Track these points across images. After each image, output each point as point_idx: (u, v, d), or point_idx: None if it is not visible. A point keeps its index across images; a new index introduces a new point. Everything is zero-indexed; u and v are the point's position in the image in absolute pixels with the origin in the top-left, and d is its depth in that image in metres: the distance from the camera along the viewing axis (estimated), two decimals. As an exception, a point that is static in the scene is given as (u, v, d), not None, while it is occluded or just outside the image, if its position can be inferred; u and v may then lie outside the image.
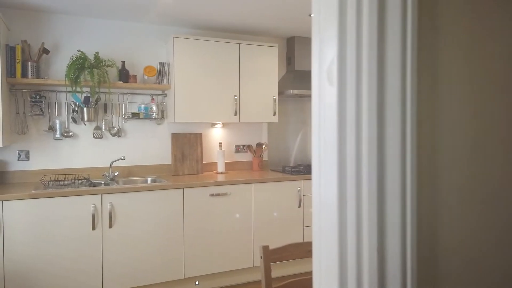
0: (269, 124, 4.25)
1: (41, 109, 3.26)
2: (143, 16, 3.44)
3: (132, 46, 3.63)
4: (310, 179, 3.57)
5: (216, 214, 3.32)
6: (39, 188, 2.97)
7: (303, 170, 3.85)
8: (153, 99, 3.65)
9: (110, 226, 2.95)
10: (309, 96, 4.29)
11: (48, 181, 3.23)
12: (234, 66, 3.69)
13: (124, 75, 3.47)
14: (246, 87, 3.75)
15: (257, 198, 3.48)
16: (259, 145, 4.10)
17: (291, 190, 3.62)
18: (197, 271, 3.26)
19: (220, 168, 3.85)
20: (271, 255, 1.48)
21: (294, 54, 4.14)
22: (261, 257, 1.46)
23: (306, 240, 3.69)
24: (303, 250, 1.56)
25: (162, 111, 3.71)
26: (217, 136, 4.01)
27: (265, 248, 1.47)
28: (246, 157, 4.15)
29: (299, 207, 3.65)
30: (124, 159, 3.47)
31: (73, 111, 3.38)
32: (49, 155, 3.35)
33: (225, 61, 3.65)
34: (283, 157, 4.33)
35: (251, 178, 3.49)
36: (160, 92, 3.71)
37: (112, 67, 3.40)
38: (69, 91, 3.33)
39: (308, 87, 3.95)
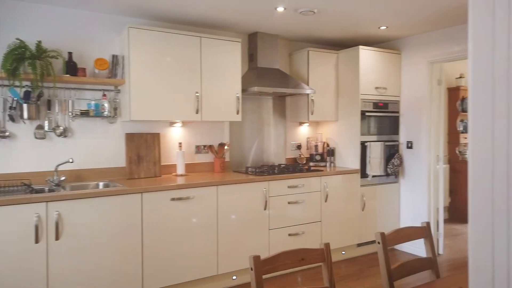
0: (231, 123, 4.05)
1: (-30, 105, 2.81)
2: (94, 3, 3.09)
3: (81, 36, 3.26)
4: (276, 179, 3.43)
5: (178, 220, 3.06)
6: (-32, 196, 2.54)
7: (268, 170, 3.70)
8: (104, 95, 3.31)
9: (57, 238, 2.60)
10: (272, 94, 4.14)
11: (-20, 188, 2.79)
12: (195, 61, 3.44)
13: (72, 68, 3.10)
14: (208, 83, 3.52)
15: (222, 201, 3.27)
16: (221, 145, 3.89)
17: (256, 192, 3.45)
18: (157, 283, 2.97)
19: (180, 170, 3.59)
20: (262, 266, 1.29)
21: (256, 50, 3.99)
22: (251, 269, 1.27)
23: (272, 243, 3.54)
24: (296, 258, 1.39)
25: (115, 109, 3.38)
26: (176, 136, 3.74)
27: (256, 259, 1.28)
28: (207, 158, 3.91)
29: (265, 209, 3.49)
30: (72, 162, 3.09)
31: (10, 107, 2.96)
32: (-19, 159, 2.90)
33: (185, 55, 3.39)
34: (244, 158, 4.16)
35: (215, 180, 3.27)
36: (113, 87, 3.37)
37: (57, 58, 3.02)
38: (5, 85, 2.90)
39: (272, 84, 3.80)
